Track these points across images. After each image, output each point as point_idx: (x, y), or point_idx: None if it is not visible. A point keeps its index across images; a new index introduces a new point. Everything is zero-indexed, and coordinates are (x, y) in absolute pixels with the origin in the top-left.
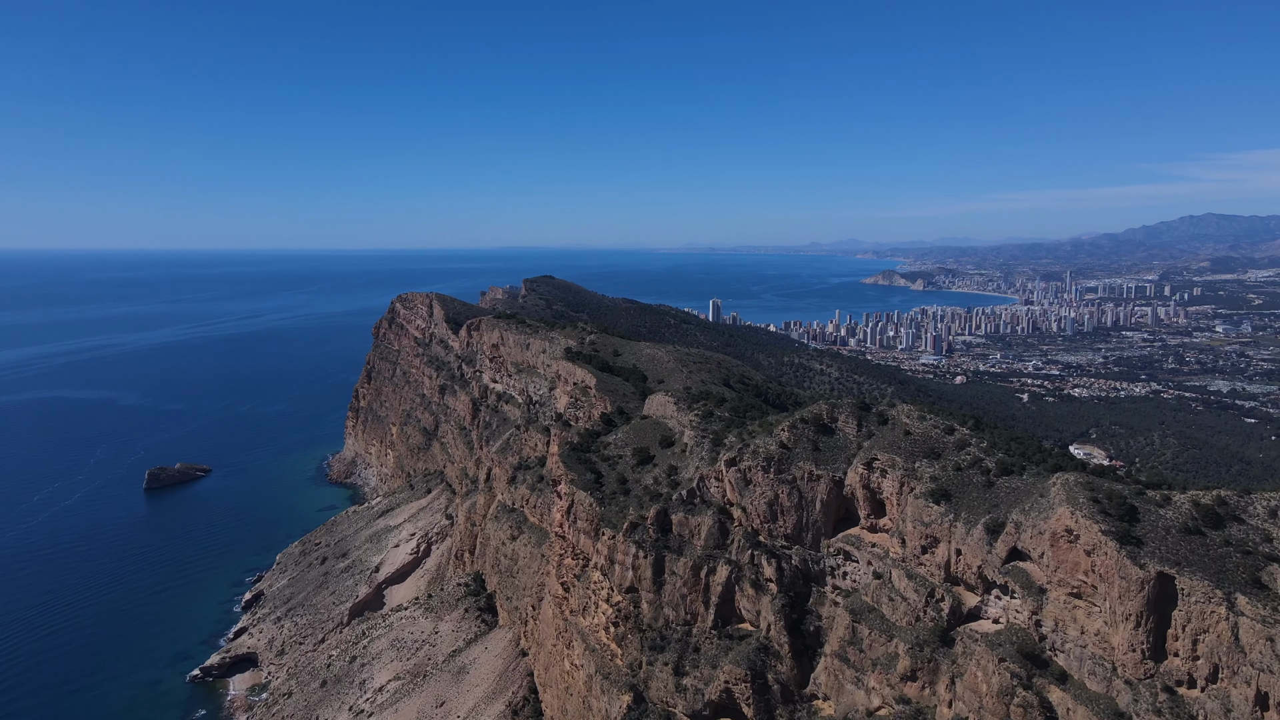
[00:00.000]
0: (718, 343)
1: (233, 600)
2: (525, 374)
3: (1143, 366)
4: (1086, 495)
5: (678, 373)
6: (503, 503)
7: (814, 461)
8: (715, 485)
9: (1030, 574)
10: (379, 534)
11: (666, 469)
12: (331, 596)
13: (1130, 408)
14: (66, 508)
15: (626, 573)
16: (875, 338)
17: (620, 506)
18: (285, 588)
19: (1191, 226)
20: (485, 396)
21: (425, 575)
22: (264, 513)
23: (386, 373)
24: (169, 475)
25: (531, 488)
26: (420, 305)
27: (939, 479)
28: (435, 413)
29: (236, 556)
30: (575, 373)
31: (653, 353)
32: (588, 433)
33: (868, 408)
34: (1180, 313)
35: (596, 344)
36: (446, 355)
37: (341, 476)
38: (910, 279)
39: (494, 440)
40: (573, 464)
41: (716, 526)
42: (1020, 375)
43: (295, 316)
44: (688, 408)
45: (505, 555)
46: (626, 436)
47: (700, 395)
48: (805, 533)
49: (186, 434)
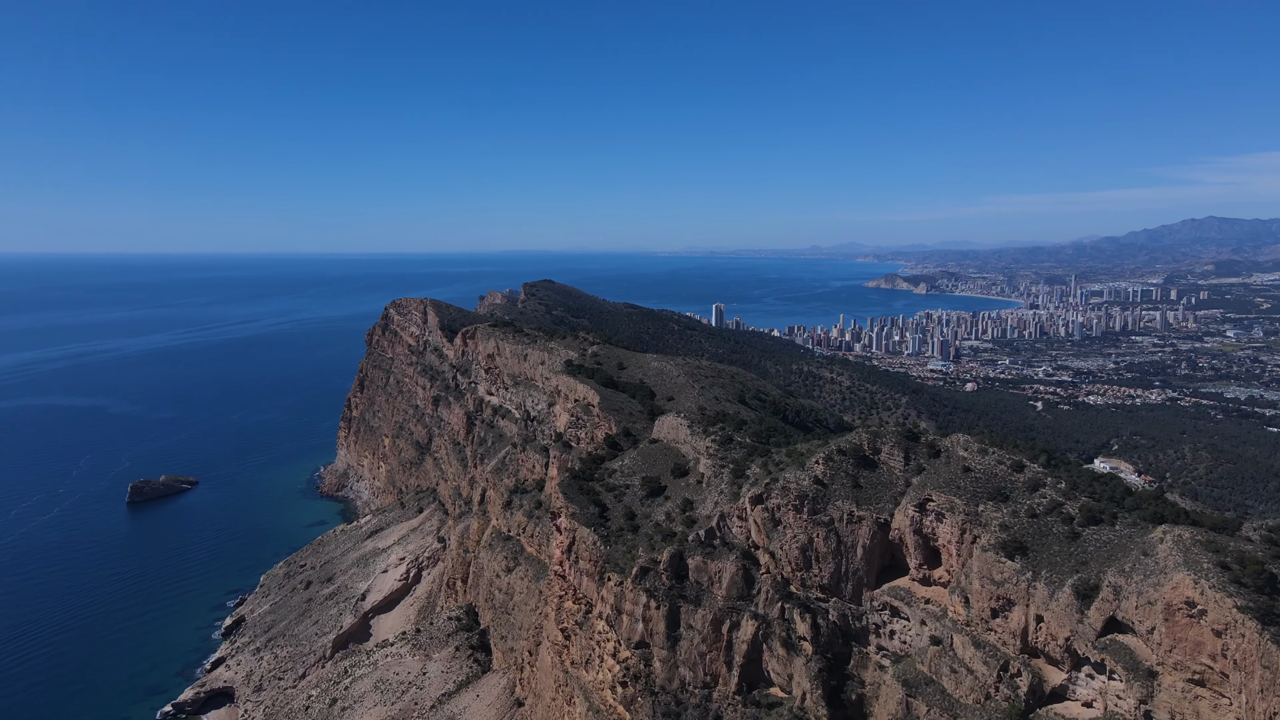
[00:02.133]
0: (723, 350)
1: (213, 625)
2: (523, 387)
3: (1155, 373)
4: (1211, 559)
5: (688, 389)
6: (498, 529)
7: (854, 500)
8: (739, 525)
9: (1135, 651)
10: (367, 557)
11: (680, 503)
12: (314, 626)
13: (1149, 417)
14: (44, 523)
15: (636, 625)
16: (881, 343)
17: (628, 546)
18: (267, 614)
19: (1193, 230)
20: (480, 410)
21: (415, 603)
22: (251, 529)
23: (380, 381)
24: (153, 488)
25: (529, 514)
26: (415, 311)
27: (1010, 527)
28: (429, 425)
29: (219, 577)
30: (576, 389)
31: (661, 366)
32: (591, 458)
33: (915, 437)
34: (1189, 317)
35: (599, 356)
36: (441, 364)
37: (333, 489)
38: (913, 283)
39: (489, 458)
40: (574, 494)
41: (741, 574)
42: (1031, 382)
43: (291, 321)
44: (703, 431)
45: (500, 589)
46: (634, 463)
47: (716, 417)
48: (844, 583)
49: (175, 444)
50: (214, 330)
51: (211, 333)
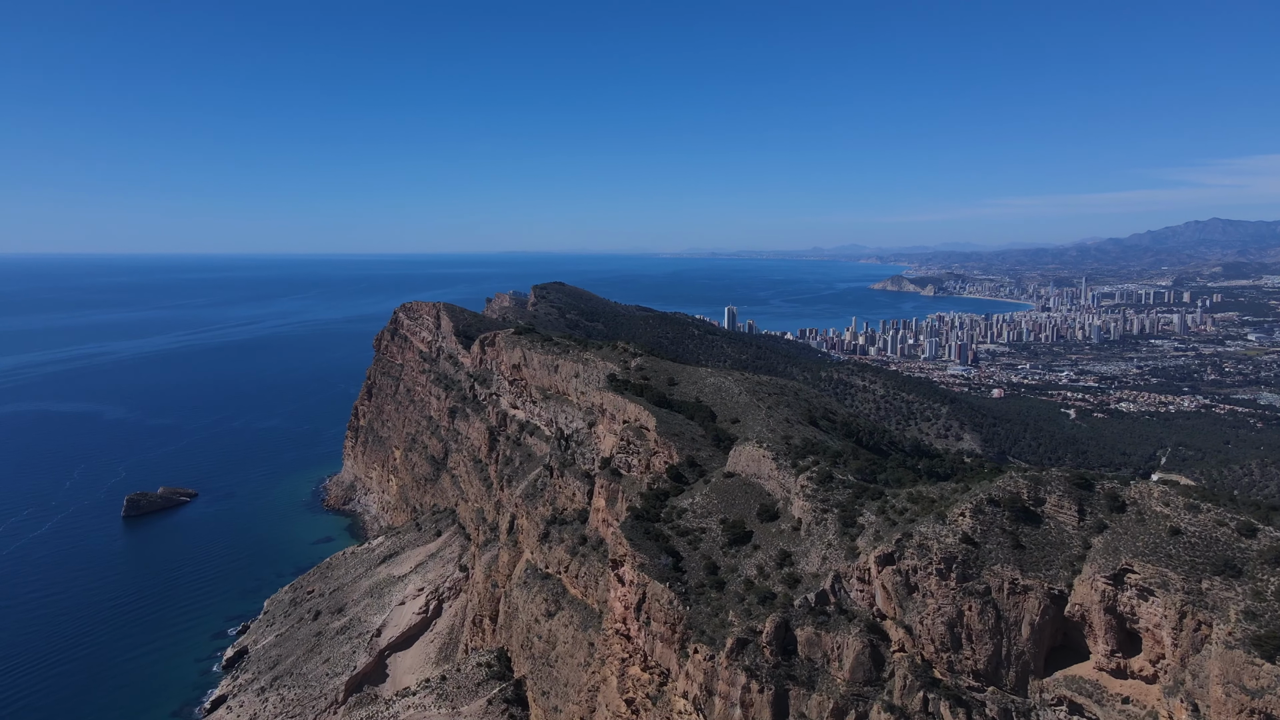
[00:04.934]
0: (746, 356)
1: (213, 656)
2: (554, 402)
3: (1182, 378)
4: None
5: (753, 409)
6: (533, 564)
7: (1017, 565)
8: (860, 589)
9: None
10: (381, 586)
11: (776, 556)
12: (325, 665)
13: (1187, 426)
14: (35, 539)
15: (733, 710)
16: (896, 346)
17: (714, 608)
18: (272, 646)
19: (1197, 232)
20: (504, 425)
21: (435, 640)
22: (253, 546)
23: (389, 389)
24: (150, 501)
25: (571, 551)
26: (426, 316)
27: (1259, 615)
28: (444, 439)
29: (220, 601)
30: (627, 409)
31: (718, 382)
32: (654, 493)
33: (1088, 484)
34: (1207, 320)
35: (645, 370)
36: (456, 373)
37: (339, 503)
38: (920, 285)
39: (517, 480)
40: (640, 539)
41: (867, 651)
42: (1057, 388)
43: (292, 323)
44: (792, 465)
45: (539, 636)
46: (708, 501)
47: (806, 447)
48: (1005, 669)
49: (173, 452)
50: (213, 333)
51: (210, 335)
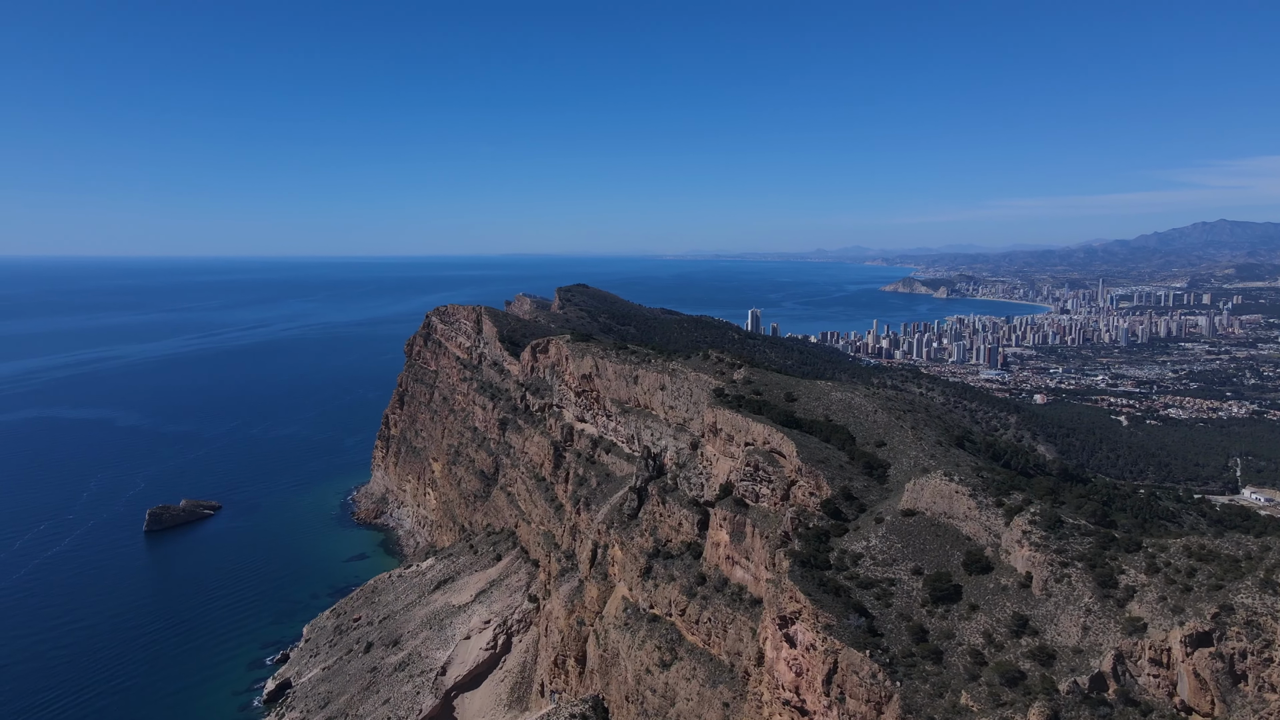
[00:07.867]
0: (791, 362)
1: (252, 690)
2: (635, 416)
3: (1221, 382)
4: None
5: (897, 429)
6: (631, 602)
7: None
8: (1153, 674)
9: None
10: (439, 616)
11: (1009, 620)
12: (385, 706)
13: (1245, 433)
14: (55, 556)
15: None
16: (922, 350)
17: (934, 686)
18: (320, 682)
19: (1205, 233)
20: (570, 439)
21: (507, 679)
22: (284, 563)
23: (423, 397)
24: (173, 515)
25: (687, 592)
26: (464, 320)
27: None
28: (495, 453)
29: (254, 625)
30: (750, 429)
31: (845, 397)
32: (815, 533)
33: None
34: (1235, 323)
35: (755, 383)
36: (503, 381)
37: (370, 516)
38: (931, 287)
39: (595, 502)
40: (816, 592)
41: None
42: (1097, 392)
43: (302, 326)
44: (995, 504)
45: (652, 689)
46: (889, 546)
47: (1008, 481)
48: None
49: (192, 461)
50: (222, 336)
51: (219, 339)
